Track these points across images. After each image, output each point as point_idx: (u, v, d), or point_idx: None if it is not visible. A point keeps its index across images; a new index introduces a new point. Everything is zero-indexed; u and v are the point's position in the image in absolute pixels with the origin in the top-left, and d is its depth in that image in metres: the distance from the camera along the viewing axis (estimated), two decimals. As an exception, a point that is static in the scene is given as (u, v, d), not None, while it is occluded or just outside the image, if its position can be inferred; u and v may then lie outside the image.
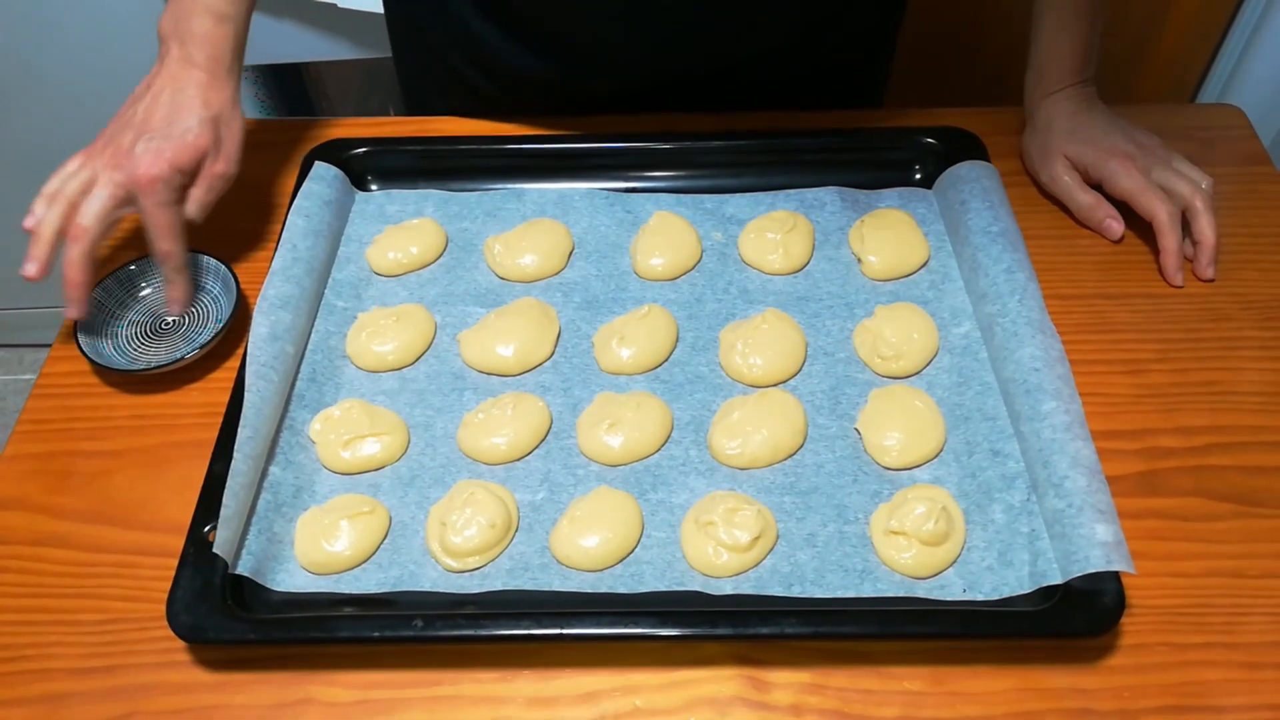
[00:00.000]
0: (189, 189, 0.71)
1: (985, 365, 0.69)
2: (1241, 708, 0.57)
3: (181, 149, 0.69)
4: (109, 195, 0.67)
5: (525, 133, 0.86)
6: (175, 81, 0.70)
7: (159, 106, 0.70)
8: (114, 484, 0.67)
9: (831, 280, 0.76)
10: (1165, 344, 0.73)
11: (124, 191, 0.68)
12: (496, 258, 0.77)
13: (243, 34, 0.73)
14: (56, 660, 0.59)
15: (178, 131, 0.69)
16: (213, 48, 0.71)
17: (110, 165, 0.68)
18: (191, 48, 0.71)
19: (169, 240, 0.69)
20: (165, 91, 0.70)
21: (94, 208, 0.67)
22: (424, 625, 0.57)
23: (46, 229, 0.67)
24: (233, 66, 0.73)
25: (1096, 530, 0.57)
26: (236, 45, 0.73)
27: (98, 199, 0.67)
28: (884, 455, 0.65)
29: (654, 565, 0.61)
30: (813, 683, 0.58)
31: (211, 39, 0.71)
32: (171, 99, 0.70)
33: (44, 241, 0.67)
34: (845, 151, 0.83)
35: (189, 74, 0.71)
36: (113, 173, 0.68)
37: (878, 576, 0.60)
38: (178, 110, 0.69)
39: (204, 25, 0.71)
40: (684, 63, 0.85)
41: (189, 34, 0.71)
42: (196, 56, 0.71)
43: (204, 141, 0.70)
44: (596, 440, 0.66)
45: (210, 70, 0.71)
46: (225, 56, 0.72)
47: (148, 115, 0.70)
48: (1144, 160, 0.78)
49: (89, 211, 0.67)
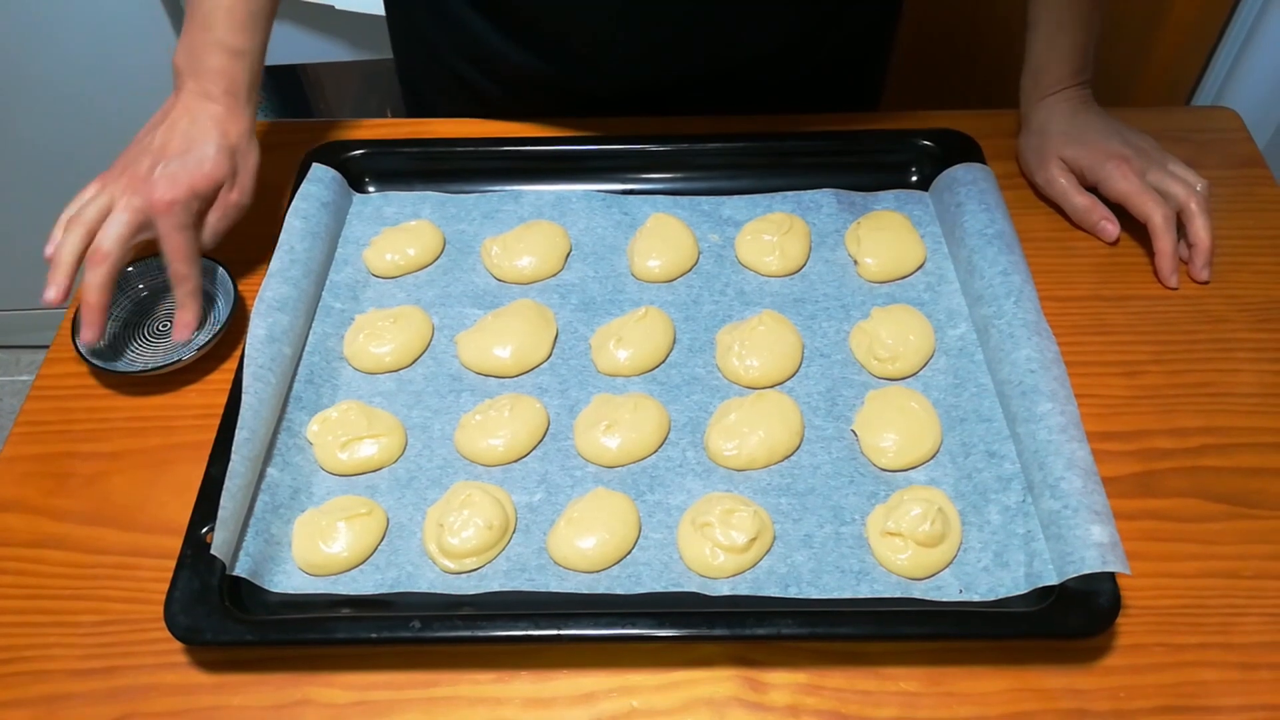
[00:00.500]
0: (204, 215, 0.71)
1: (981, 367, 0.69)
2: (1237, 708, 0.57)
3: (199, 175, 0.69)
4: (128, 219, 0.68)
5: (523, 134, 0.86)
6: (191, 112, 0.71)
7: (176, 134, 0.70)
8: (112, 486, 0.67)
9: (828, 282, 0.76)
10: (1161, 345, 0.73)
11: (142, 216, 0.68)
12: (494, 259, 0.77)
13: (258, 67, 0.74)
14: (55, 661, 0.59)
15: (195, 158, 0.69)
16: (228, 82, 0.72)
17: (128, 190, 0.68)
18: (207, 82, 0.71)
19: (184, 263, 0.69)
20: (182, 120, 0.71)
21: (113, 232, 0.67)
22: (421, 626, 0.57)
23: (66, 254, 0.67)
24: (249, 99, 0.73)
25: (1092, 531, 0.57)
26: (252, 79, 0.73)
27: (117, 223, 0.67)
28: (880, 457, 0.65)
29: (651, 566, 0.61)
30: (809, 683, 0.58)
31: (227, 74, 0.72)
32: (189, 128, 0.71)
33: (64, 266, 0.67)
34: (842, 154, 0.83)
35: (205, 106, 0.71)
36: (131, 197, 0.68)
37: (874, 577, 0.60)
38: (195, 138, 0.70)
39: (219, 60, 0.71)
40: (682, 63, 0.85)
41: (204, 69, 0.71)
42: (212, 90, 0.71)
43: (221, 170, 0.70)
44: (594, 442, 0.66)
45: (226, 104, 0.72)
46: (241, 90, 0.72)
47: (165, 142, 0.70)
48: (1140, 163, 0.78)
49: (108, 236, 0.67)
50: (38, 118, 1.44)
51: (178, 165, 0.69)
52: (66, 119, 1.44)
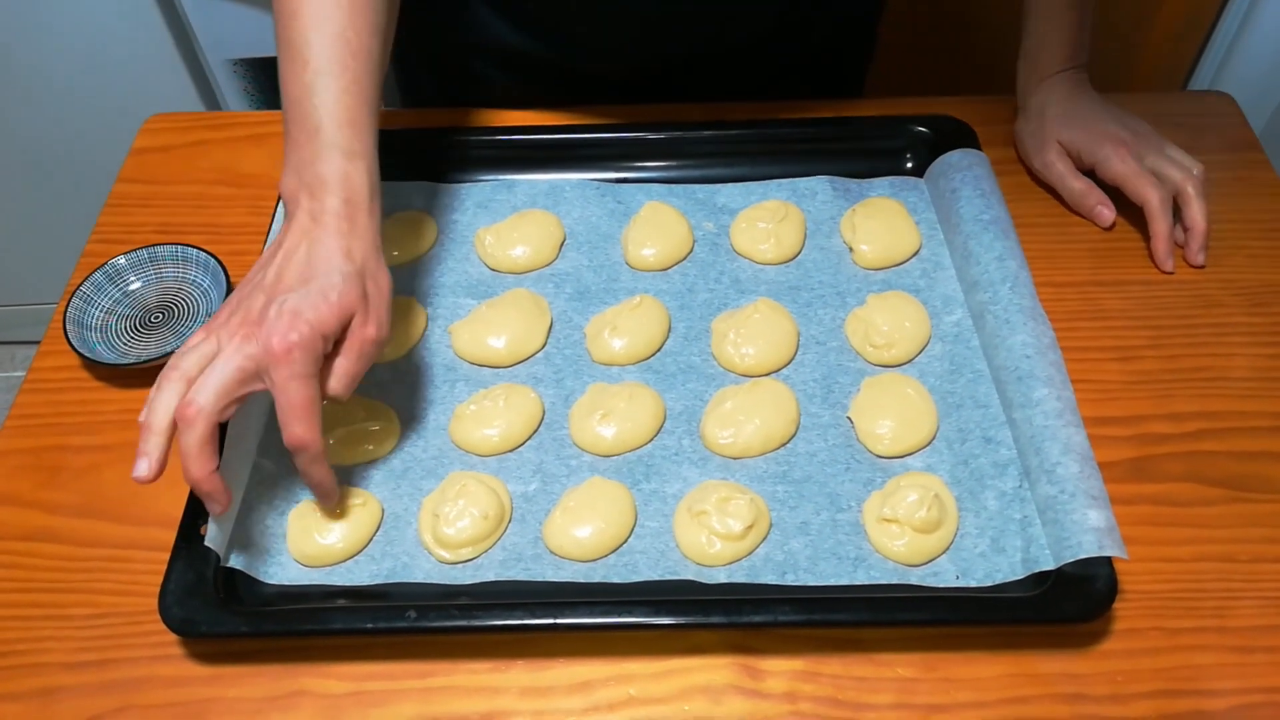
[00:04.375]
0: (332, 358, 0.59)
1: (977, 353, 0.69)
2: (1233, 691, 0.57)
3: (324, 310, 0.57)
4: (235, 368, 0.55)
5: (516, 123, 0.86)
6: (309, 235, 0.59)
7: (293, 264, 0.58)
8: (104, 478, 0.67)
9: (823, 269, 0.76)
10: (1157, 330, 0.73)
11: (253, 364, 0.56)
12: (487, 249, 0.77)
13: (376, 170, 0.63)
14: (49, 655, 0.59)
15: (317, 289, 0.57)
16: (348, 190, 0.60)
17: (238, 334, 0.56)
18: (325, 196, 0.60)
19: (304, 422, 0.56)
20: (300, 248, 0.59)
21: (213, 382, 0.55)
22: (417, 616, 0.56)
23: (159, 417, 0.55)
24: (371, 209, 0.61)
25: (1089, 516, 0.57)
26: (373, 185, 0.62)
27: (219, 373, 0.55)
28: (876, 443, 0.65)
29: (647, 555, 0.61)
30: (806, 670, 0.58)
31: (346, 181, 0.60)
32: (308, 254, 0.58)
33: (156, 433, 0.55)
34: (836, 141, 0.82)
35: (324, 224, 0.59)
36: (242, 342, 0.56)
37: (871, 564, 0.60)
38: (315, 266, 0.58)
39: (335, 167, 0.60)
40: (674, 40, 0.85)
41: (319, 181, 0.60)
42: (331, 204, 0.60)
43: (350, 300, 0.58)
44: (589, 431, 0.66)
45: (349, 216, 0.60)
46: (362, 200, 0.61)
47: (280, 274, 0.58)
48: (1137, 146, 0.78)
49: (206, 387, 0.55)
50: (31, 115, 1.43)
51: (298, 299, 0.56)
52: (60, 116, 1.43)
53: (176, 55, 1.37)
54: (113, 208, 0.83)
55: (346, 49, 0.62)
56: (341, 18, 0.62)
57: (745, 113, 0.84)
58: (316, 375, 0.57)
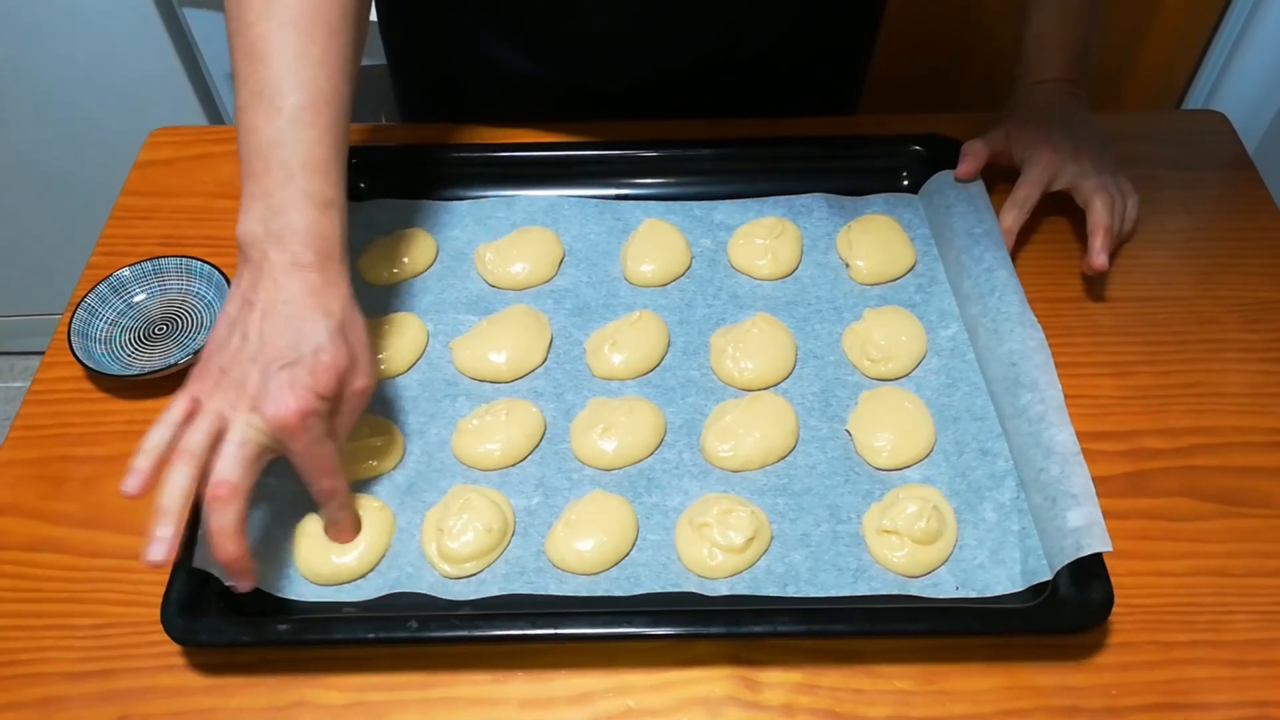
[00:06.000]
0: None
1: (972, 366, 0.70)
2: (1227, 704, 0.57)
3: (321, 375, 0.57)
4: (254, 444, 0.56)
5: (515, 140, 0.87)
6: (283, 291, 0.58)
7: (276, 325, 0.57)
8: (108, 489, 0.67)
9: (820, 285, 0.77)
10: (1151, 346, 0.74)
11: (266, 438, 0.56)
12: (487, 266, 0.77)
13: (347, 220, 0.63)
14: (51, 665, 0.59)
15: (308, 354, 0.57)
16: (321, 241, 0.59)
17: (240, 406, 0.56)
18: (295, 246, 0.59)
19: (330, 476, 0.59)
20: (276, 305, 0.58)
21: (240, 458, 0.55)
22: (419, 627, 0.57)
23: (176, 499, 0.54)
24: (344, 259, 0.61)
25: (1068, 519, 0.58)
26: (344, 235, 0.62)
27: (239, 448, 0.55)
28: (875, 456, 0.66)
29: (649, 568, 0.62)
30: (804, 682, 0.58)
31: (318, 232, 0.59)
32: (287, 314, 0.58)
33: (175, 514, 0.54)
34: (833, 158, 0.83)
35: (297, 278, 0.58)
36: (249, 415, 0.56)
37: (871, 575, 0.61)
38: (299, 327, 0.58)
39: (307, 217, 0.59)
40: (670, 55, 0.85)
41: (289, 231, 0.59)
42: (304, 256, 0.59)
43: (340, 359, 0.58)
44: (590, 445, 0.66)
45: (322, 269, 0.59)
46: (336, 250, 0.60)
47: (265, 340, 0.57)
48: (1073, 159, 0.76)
49: (234, 464, 0.55)
50: (37, 127, 1.44)
51: (294, 367, 0.56)
52: (66, 129, 1.44)
53: (181, 69, 1.38)
54: (117, 220, 0.83)
55: (320, 97, 0.61)
56: (314, 64, 0.61)
57: (742, 130, 0.85)
58: (329, 433, 0.59)
